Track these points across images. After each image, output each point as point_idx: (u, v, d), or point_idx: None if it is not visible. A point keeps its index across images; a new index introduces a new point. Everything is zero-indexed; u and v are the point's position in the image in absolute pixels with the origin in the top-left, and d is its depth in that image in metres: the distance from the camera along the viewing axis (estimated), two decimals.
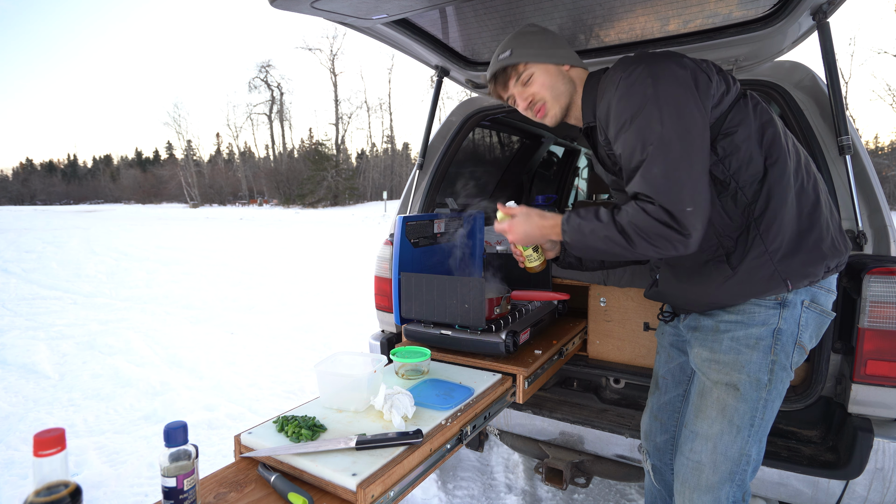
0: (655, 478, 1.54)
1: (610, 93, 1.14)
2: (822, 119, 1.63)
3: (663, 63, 1.10)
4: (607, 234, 1.12)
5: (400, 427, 1.14)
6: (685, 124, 1.05)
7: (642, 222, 1.06)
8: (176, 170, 60.02)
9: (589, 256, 1.25)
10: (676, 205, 1.03)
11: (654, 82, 1.07)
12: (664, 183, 1.04)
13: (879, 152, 36.59)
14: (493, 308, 1.69)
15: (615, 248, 1.12)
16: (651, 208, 1.05)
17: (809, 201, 1.16)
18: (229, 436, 2.73)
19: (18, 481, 2.33)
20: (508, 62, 1.28)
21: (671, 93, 1.06)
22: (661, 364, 1.50)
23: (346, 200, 41.73)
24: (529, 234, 1.31)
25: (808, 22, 1.58)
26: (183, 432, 0.85)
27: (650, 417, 1.52)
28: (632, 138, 1.08)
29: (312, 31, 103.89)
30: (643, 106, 1.06)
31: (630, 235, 1.08)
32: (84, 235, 15.47)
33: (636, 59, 1.14)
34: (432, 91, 2.30)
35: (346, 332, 4.74)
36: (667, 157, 1.04)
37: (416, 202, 2.29)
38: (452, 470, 2.44)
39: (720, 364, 1.20)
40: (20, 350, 4.24)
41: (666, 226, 1.04)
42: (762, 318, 1.17)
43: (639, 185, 1.07)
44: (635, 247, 1.09)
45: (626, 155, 1.11)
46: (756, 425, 1.17)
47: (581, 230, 1.17)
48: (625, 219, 1.09)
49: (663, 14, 1.64)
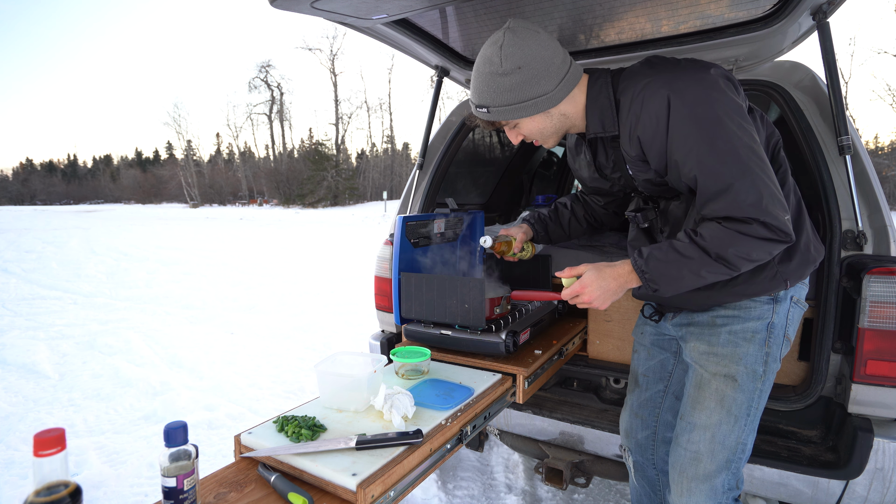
0: (637, 475, 1.56)
1: (654, 107, 1.08)
2: (822, 119, 1.63)
3: (707, 74, 1.08)
4: (704, 268, 1.09)
5: (400, 427, 1.14)
6: (750, 132, 1.05)
7: (744, 245, 1.05)
8: (176, 170, 60.02)
9: (679, 292, 1.18)
10: (776, 219, 1.03)
11: (711, 97, 1.05)
12: (758, 201, 1.02)
13: (879, 152, 36.59)
14: (493, 308, 1.69)
15: (714, 277, 1.11)
16: (750, 229, 1.03)
17: (797, 205, 1.21)
18: (229, 436, 2.73)
19: (18, 481, 2.33)
20: (487, 119, 1.20)
21: (729, 104, 1.05)
22: (640, 362, 1.53)
23: (346, 200, 41.73)
24: (608, 290, 1.19)
25: (808, 22, 1.58)
26: (183, 432, 0.85)
27: (630, 415, 1.54)
28: (707, 161, 1.04)
29: (312, 31, 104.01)
30: (711, 126, 1.04)
31: (731, 261, 1.07)
32: (84, 235, 15.46)
33: (675, 71, 1.09)
34: (432, 91, 2.30)
35: (346, 332, 4.74)
36: (752, 173, 1.03)
37: (416, 202, 2.29)
38: (452, 470, 2.44)
39: (718, 356, 1.24)
40: (20, 350, 4.23)
41: (769, 240, 1.04)
42: (758, 313, 1.21)
43: (730, 209, 1.04)
44: (739, 269, 1.09)
45: (701, 178, 1.06)
46: (752, 415, 1.22)
47: (667, 272, 1.12)
48: (722, 247, 1.06)
49: (663, 14, 1.64)
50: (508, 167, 3.53)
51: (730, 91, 1.08)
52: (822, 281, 1.55)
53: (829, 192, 1.55)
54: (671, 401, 1.49)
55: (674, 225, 1.27)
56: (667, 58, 1.16)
